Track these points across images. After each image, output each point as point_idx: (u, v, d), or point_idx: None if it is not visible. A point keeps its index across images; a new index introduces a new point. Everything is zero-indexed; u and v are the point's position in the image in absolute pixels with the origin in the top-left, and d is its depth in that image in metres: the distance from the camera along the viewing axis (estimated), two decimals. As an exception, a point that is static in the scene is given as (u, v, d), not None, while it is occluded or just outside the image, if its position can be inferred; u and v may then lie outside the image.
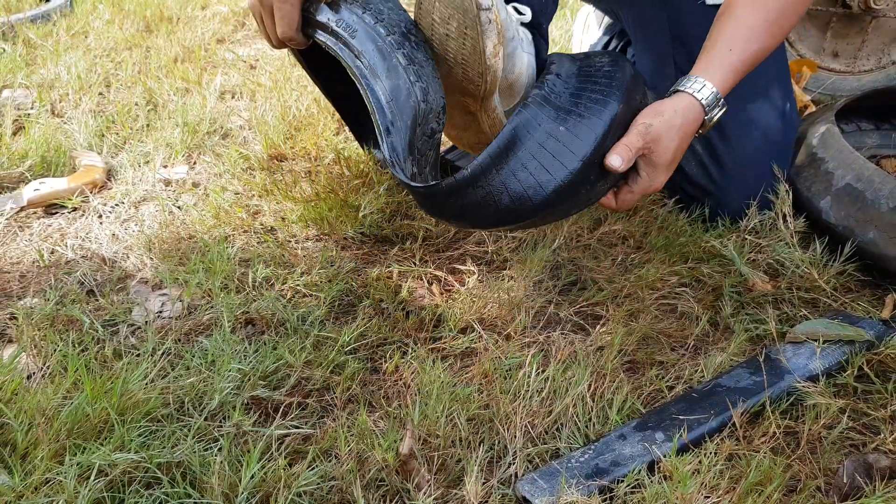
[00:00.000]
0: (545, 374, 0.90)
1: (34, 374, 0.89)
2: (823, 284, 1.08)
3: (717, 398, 0.88)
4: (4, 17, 1.92)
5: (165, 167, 1.36)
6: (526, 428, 0.84)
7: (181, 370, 0.90)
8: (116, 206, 1.25)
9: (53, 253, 1.14)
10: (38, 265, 1.11)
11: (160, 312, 1.03)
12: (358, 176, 1.26)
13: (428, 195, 0.91)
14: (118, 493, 0.74)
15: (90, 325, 0.97)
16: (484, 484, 0.78)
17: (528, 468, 0.81)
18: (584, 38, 1.71)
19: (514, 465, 0.81)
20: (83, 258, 1.12)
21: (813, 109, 1.47)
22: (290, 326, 0.99)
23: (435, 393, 0.86)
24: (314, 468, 0.78)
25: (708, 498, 0.77)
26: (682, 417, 0.85)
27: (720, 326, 1.04)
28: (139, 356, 0.92)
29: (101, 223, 1.21)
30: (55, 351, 0.91)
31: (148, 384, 0.86)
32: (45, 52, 1.78)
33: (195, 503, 0.74)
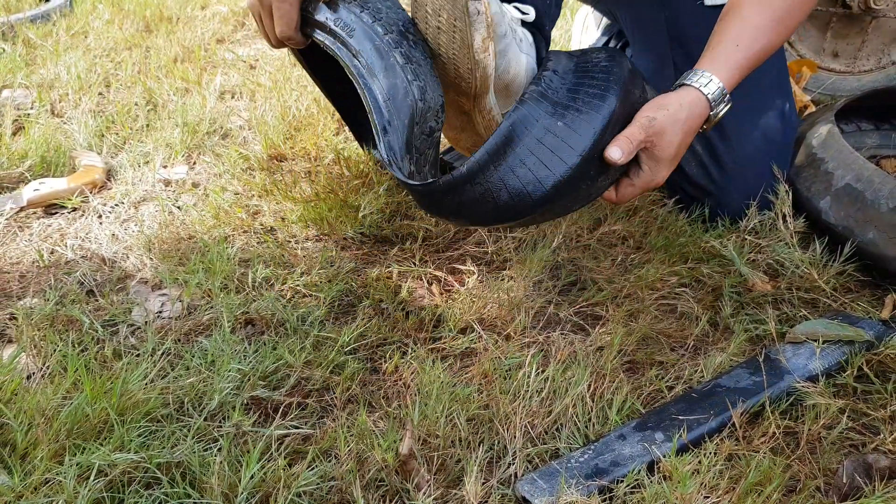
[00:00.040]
0: (545, 374, 0.90)
1: (34, 374, 0.89)
2: (823, 285, 1.08)
3: (716, 398, 0.88)
4: (4, 17, 1.92)
5: (165, 167, 1.36)
6: (526, 428, 0.84)
7: (181, 370, 0.90)
8: (116, 206, 1.25)
9: (53, 253, 1.14)
10: (37, 265, 1.11)
11: (160, 312, 1.03)
12: (358, 176, 1.26)
13: (425, 193, 0.90)
14: (118, 493, 0.74)
15: (90, 325, 0.97)
16: (484, 484, 0.78)
17: (527, 468, 0.81)
18: (582, 38, 1.71)
19: (513, 465, 0.81)
20: (83, 258, 1.12)
21: (813, 109, 1.47)
22: (289, 326, 0.99)
23: (435, 393, 0.86)
24: (314, 468, 0.78)
25: (707, 498, 0.77)
26: (681, 418, 0.85)
27: (720, 327, 1.04)
28: (139, 356, 0.92)
29: (100, 223, 1.21)
30: (55, 351, 0.91)
31: (148, 384, 0.86)
32: (44, 52, 1.78)
33: (195, 503, 0.74)
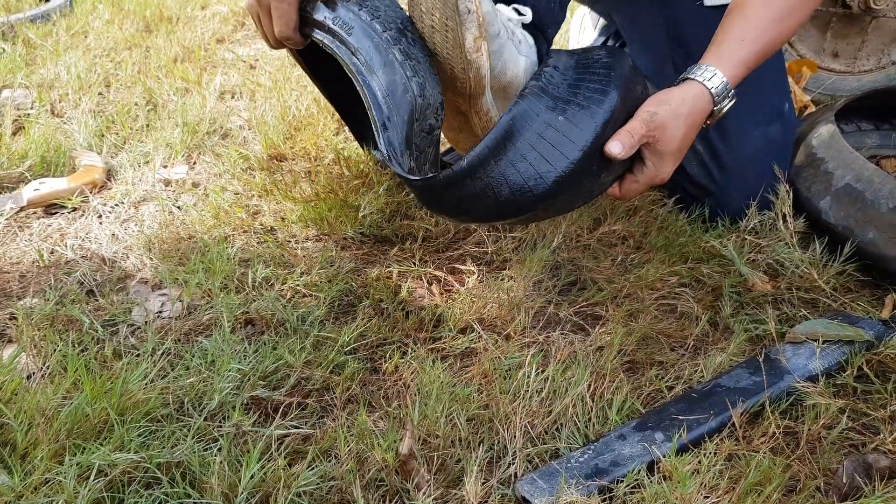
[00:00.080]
0: (545, 374, 0.90)
1: (34, 374, 0.89)
2: (823, 285, 1.08)
3: (716, 398, 0.88)
4: (4, 17, 1.92)
5: (165, 167, 1.36)
6: (525, 428, 0.84)
7: (181, 370, 0.90)
8: (116, 206, 1.25)
9: (53, 253, 1.14)
10: (37, 265, 1.11)
11: (160, 312, 1.03)
12: (358, 176, 1.26)
13: (426, 188, 0.90)
14: (118, 493, 0.74)
15: (90, 325, 0.97)
16: (483, 484, 0.78)
17: (527, 468, 0.81)
18: (580, 38, 1.72)
19: (513, 465, 0.81)
20: (83, 258, 1.12)
21: (813, 109, 1.47)
22: (289, 326, 0.99)
23: (435, 393, 0.86)
24: (314, 468, 0.78)
25: (707, 498, 0.77)
26: (681, 417, 0.85)
27: (720, 326, 1.04)
28: (139, 356, 0.92)
29: (100, 223, 1.21)
30: (55, 351, 0.91)
31: (148, 384, 0.86)
32: (44, 52, 1.78)
33: (195, 503, 0.74)
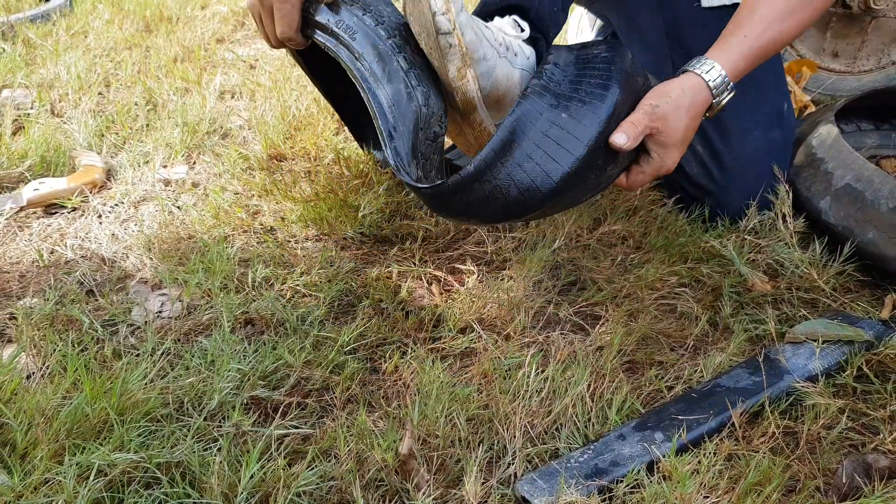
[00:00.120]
0: (544, 374, 0.90)
1: (34, 373, 0.89)
2: (823, 285, 1.08)
3: (716, 398, 0.88)
4: (4, 16, 1.92)
5: (165, 167, 1.36)
6: (525, 428, 0.84)
7: (181, 370, 0.90)
8: (116, 206, 1.25)
9: (53, 253, 1.14)
10: (37, 265, 1.11)
11: (160, 312, 1.03)
12: (357, 176, 1.26)
13: (434, 195, 0.90)
14: (117, 493, 0.74)
15: (90, 325, 0.97)
16: (483, 484, 0.78)
17: (527, 468, 0.81)
18: (577, 39, 1.72)
19: (513, 465, 0.81)
20: (83, 258, 1.12)
21: (813, 109, 1.47)
22: (289, 326, 0.99)
23: (434, 393, 0.86)
24: (314, 468, 0.78)
25: (707, 498, 0.77)
26: (681, 417, 0.85)
27: (719, 326, 1.04)
28: (139, 356, 0.92)
29: (100, 223, 1.21)
30: (55, 351, 0.91)
31: (147, 384, 0.86)
32: (44, 51, 1.78)
33: (194, 503, 0.74)
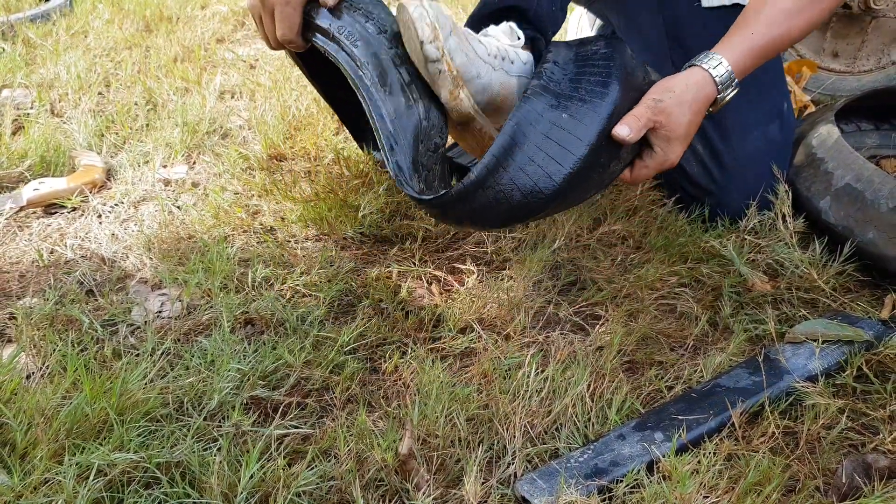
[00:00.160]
0: (544, 374, 0.90)
1: (33, 373, 0.89)
2: (823, 285, 1.08)
3: (716, 398, 0.88)
4: (4, 16, 1.92)
5: (165, 167, 1.36)
6: (525, 428, 0.84)
7: (180, 370, 0.90)
8: (116, 205, 1.25)
9: (53, 253, 1.14)
10: (37, 265, 1.11)
11: (159, 312, 1.03)
12: (357, 176, 1.26)
13: (438, 205, 0.89)
14: (117, 493, 0.74)
15: (89, 324, 0.97)
16: (483, 484, 0.78)
17: (527, 468, 0.81)
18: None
19: (513, 465, 0.81)
20: (82, 258, 1.12)
21: (813, 109, 1.47)
22: (289, 326, 0.99)
23: (434, 393, 0.86)
24: (313, 468, 0.78)
25: (707, 498, 0.77)
26: (681, 417, 0.85)
27: (719, 326, 1.04)
28: (138, 356, 0.92)
29: (100, 223, 1.21)
30: (54, 351, 0.91)
31: (147, 384, 0.86)
32: (44, 51, 1.78)
33: (194, 503, 0.74)
